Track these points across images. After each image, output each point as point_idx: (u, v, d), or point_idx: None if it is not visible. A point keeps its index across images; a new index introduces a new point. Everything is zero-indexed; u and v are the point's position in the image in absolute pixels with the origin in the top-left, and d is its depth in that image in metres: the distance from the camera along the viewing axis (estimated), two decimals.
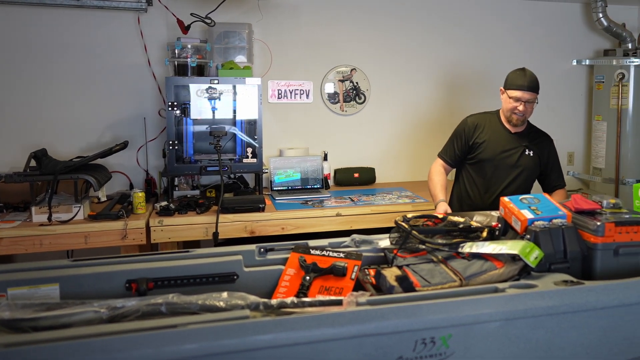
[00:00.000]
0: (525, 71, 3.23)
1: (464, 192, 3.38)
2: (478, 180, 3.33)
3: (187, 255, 2.39)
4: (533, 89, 3.19)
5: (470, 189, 3.36)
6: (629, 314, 1.98)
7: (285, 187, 4.28)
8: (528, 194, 3.26)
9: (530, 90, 3.18)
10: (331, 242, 2.56)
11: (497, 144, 3.28)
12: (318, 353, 1.69)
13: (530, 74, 3.22)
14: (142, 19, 4.16)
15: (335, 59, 4.61)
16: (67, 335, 1.59)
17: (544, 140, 3.38)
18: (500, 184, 3.26)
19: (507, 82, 3.26)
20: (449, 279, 2.11)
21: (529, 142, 3.30)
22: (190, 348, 1.58)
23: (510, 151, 3.27)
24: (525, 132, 3.34)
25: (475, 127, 3.32)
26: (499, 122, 3.34)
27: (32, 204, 3.43)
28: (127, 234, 3.41)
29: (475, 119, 3.37)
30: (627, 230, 2.21)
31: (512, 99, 3.20)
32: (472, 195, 3.34)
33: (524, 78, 3.19)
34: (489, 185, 3.29)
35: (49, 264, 2.27)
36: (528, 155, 3.28)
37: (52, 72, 4.08)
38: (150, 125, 4.22)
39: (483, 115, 3.40)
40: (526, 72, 3.23)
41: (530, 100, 3.19)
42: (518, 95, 3.18)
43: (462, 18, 4.85)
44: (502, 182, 3.26)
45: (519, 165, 3.27)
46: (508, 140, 3.29)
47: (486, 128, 3.30)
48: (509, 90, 3.22)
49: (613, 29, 4.84)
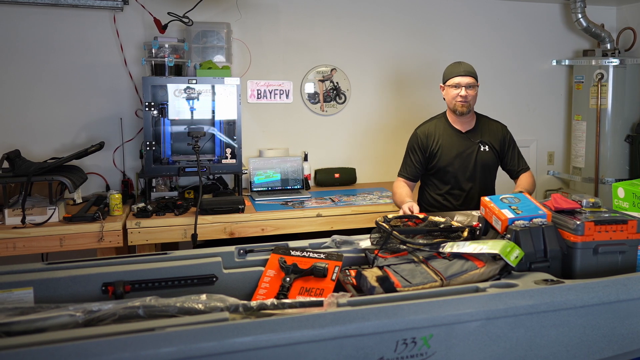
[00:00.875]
0: (461, 62, 3.28)
1: (431, 202, 3.33)
2: (441, 187, 3.28)
3: (165, 258, 2.37)
4: (471, 74, 3.20)
5: (435, 197, 3.31)
6: (609, 312, 2.00)
7: (265, 187, 4.26)
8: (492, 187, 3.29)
9: (467, 74, 3.19)
10: (312, 243, 2.56)
11: (451, 147, 3.26)
12: (298, 355, 1.68)
13: (465, 63, 3.26)
14: (118, 18, 4.10)
15: (315, 58, 4.60)
16: (42, 340, 1.56)
17: (497, 130, 3.35)
18: (464, 186, 3.25)
19: (444, 75, 3.29)
20: (430, 279, 2.11)
21: (481, 138, 3.29)
22: (168, 351, 1.56)
23: (466, 152, 3.25)
24: (476, 127, 3.32)
25: (427, 136, 3.29)
26: (448, 125, 3.31)
27: (5, 206, 3.36)
28: (104, 236, 3.36)
29: (425, 128, 3.34)
30: (607, 229, 2.23)
31: (453, 87, 3.20)
32: (438, 204, 3.30)
33: (459, 66, 3.23)
34: (453, 189, 3.26)
35: (23, 267, 2.24)
36: (484, 151, 3.26)
37: (26, 71, 4.01)
38: (127, 126, 4.17)
39: (430, 122, 3.37)
40: (461, 62, 3.27)
41: (470, 85, 3.19)
42: (457, 81, 3.19)
43: (442, 18, 4.87)
44: (466, 184, 3.25)
45: (478, 164, 3.25)
46: (461, 141, 3.27)
47: (437, 135, 3.28)
48: (448, 81, 3.24)
49: (592, 29, 4.88)
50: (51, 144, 4.06)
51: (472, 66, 3.25)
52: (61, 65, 4.07)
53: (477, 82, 3.23)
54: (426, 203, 3.34)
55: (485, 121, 3.37)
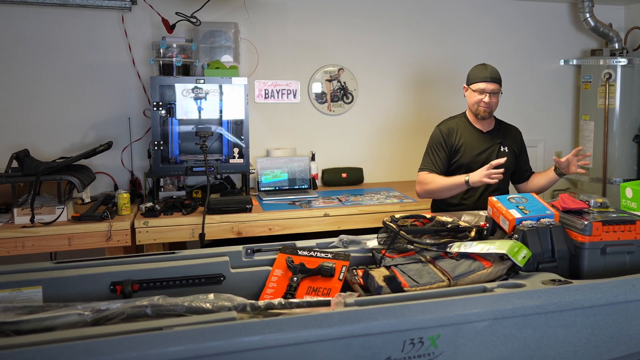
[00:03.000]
0: (487, 65, 3.27)
1: (448, 200, 3.29)
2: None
3: (173, 257, 2.37)
4: (496, 80, 3.21)
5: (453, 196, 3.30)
6: (616, 313, 1.99)
7: (273, 187, 4.26)
8: (507, 189, 3.29)
9: (493, 81, 3.19)
10: (319, 242, 2.56)
11: (473, 146, 3.27)
12: (306, 354, 1.68)
13: (491, 67, 3.25)
14: (126, 18, 4.12)
15: (322, 58, 4.60)
16: (51, 339, 1.57)
17: (514, 133, 3.41)
18: (482, 186, 3.24)
19: (469, 77, 3.29)
20: (437, 279, 2.11)
21: (502, 139, 3.31)
22: (176, 350, 1.56)
23: (487, 151, 3.26)
24: (495, 129, 3.35)
25: (450, 133, 3.29)
26: (469, 124, 3.33)
27: (14, 205, 3.38)
28: (112, 236, 3.37)
29: (447, 125, 3.34)
30: (615, 230, 2.22)
31: (477, 92, 3.21)
32: (453, 201, 3.28)
33: (485, 71, 3.23)
34: (470, 188, 3.25)
35: (32, 266, 2.25)
36: (504, 151, 3.28)
37: (35, 71, 4.03)
38: (135, 126, 4.18)
39: (451, 120, 3.38)
40: (487, 65, 3.26)
41: (495, 91, 3.20)
42: (482, 87, 3.19)
43: (451, 18, 4.86)
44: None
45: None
46: (482, 140, 3.29)
47: (459, 132, 3.29)
48: (472, 85, 3.24)
49: (600, 29, 4.86)
50: (60, 144, 4.08)
51: (497, 70, 3.25)
52: (70, 65, 4.09)
53: (500, 87, 3.23)
54: (442, 202, 3.33)
55: (503, 124, 3.42)
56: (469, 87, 3.27)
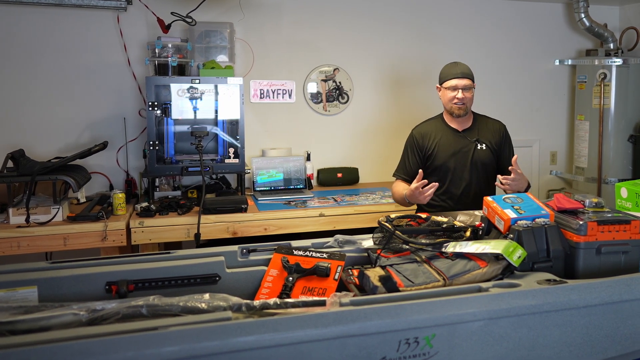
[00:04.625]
0: (457, 62, 3.28)
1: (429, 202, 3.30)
2: (439, 187, 3.26)
3: (168, 257, 2.37)
4: (467, 76, 3.21)
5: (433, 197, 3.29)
6: (612, 312, 2.00)
7: (268, 187, 4.26)
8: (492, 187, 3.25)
9: (464, 77, 3.20)
10: (314, 242, 2.56)
11: (448, 146, 3.26)
12: (301, 354, 1.69)
13: (462, 64, 3.26)
14: (121, 18, 4.11)
15: (317, 58, 4.60)
16: (46, 339, 1.57)
17: (494, 128, 3.34)
18: (461, 185, 3.23)
19: (440, 76, 3.30)
20: (433, 278, 2.11)
21: (478, 136, 3.28)
22: (171, 350, 1.56)
23: (462, 150, 3.25)
24: (473, 126, 3.32)
25: (423, 136, 3.30)
26: (444, 125, 3.32)
27: (10, 205, 3.37)
28: (107, 236, 3.37)
29: (421, 128, 3.36)
30: (610, 229, 2.23)
31: (449, 89, 3.22)
32: (436, 204, 3.27)
33: (456, 67, 3.24)
34: (450, 188, 3.24)
35: (27, 266, 2.24)
36: (481, 149, 3.25)
37: (30, 71, 4.02)
38: (130, 126, 4.18)
39: (427, 123, 3.39)
40: (458, 63, 3.28)
41: (467, 87, 3.20)
42: (453, 83, 3.20)
43: (446, 18, 4.86)
44: (463, 182, 3.23)
45: (475, 162, 3.23)
46: (457, 139, 3.27)
47: (433, 134, 3.29)
48: (444, 83, 3.25)
49: (595, 29, 4.88)
50: (55, 144, 4.07)
51: (469, 67, 3.26)
52: (65, 65, 4.08)
53: (473, 83, 3.23)
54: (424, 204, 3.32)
55: (483, 120, 3.37)
56: (441, 86, 3.28)
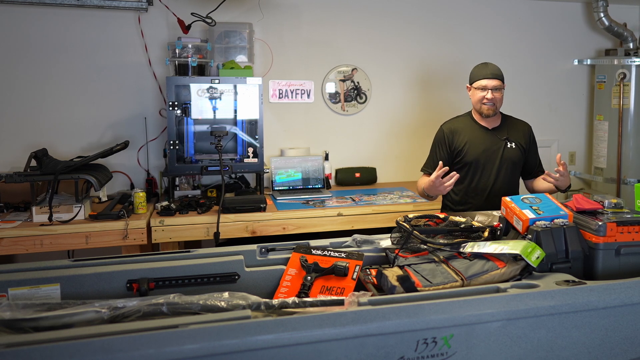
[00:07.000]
0: (488, 63, 3.27)
1: (455, 199, 3.31)
2: (466, 184, 3.28)
3: (188, 255, 2.39)
4: (497, 77, 3.21)
5: (458, 194, 3.30)
6: (631, 314, 1.98)
7: (287, 187, 4.28)
8: (516, 186, 3.26)
9: (494, 77, 3.20)
10: (332, 242, 2.57)
11: (478, 143, 3.26)
12: (320, 353, 1.69)
13: (492, 65, 3.26)
14: (142, 19, 4.16)
15: (336, 58, 4.61)
16: (68, 336, 1.59)
17: (523, 129, 3.36)
18: (488, 183, 3.23)
19: (471, 76, 3.29)
20: (451, 278, 2.11)
21: (508, 135, 3.29)
22: (191, 348, 1.58)
23: (493, 147, 3.25)
24: (502, 125, 3.32)
25: (453, 132, 3.29)
26: (474, 123, 3.32)
27: (33, 204, 3.42)
28: (128, 234, 3.41)
29: (450, 124, 3.35)
30: (629, 230, 2.21)
31: (479, 90, 3.21)
32: (462, 200, 3.29)
33: (486, 68, 3.24)
34: (477, 185, 3.25)
35: (50, 264, 2.27)
36: (510, 147, 3.26)
37: (53, 71, 4.07)
38: (151, 125, 4.22)
39: (456, 120, 3.39)
40: (488, 64, 3.27)
41: (497, 87, 3.19)
42: (483, 83, 3.19)
43: (464, 17, 4.85)
44: (490, 180, 3.23)
45: (504, 160, 3.24)
46: (487, 137, 3.27)
47: (463, 131, 3.29)
48: (474, 83, 3.25)
49: (614, 28, 4.83)
50: (77, 143, 4.13)
51: (499, 67, 3.25)
52: (87, 65, 4.13)
53: (503, 83, 3.23)
54: (450, 200, 3.33)
55: (511, 120, 3.38)
56: (471, 86, 3.28)
